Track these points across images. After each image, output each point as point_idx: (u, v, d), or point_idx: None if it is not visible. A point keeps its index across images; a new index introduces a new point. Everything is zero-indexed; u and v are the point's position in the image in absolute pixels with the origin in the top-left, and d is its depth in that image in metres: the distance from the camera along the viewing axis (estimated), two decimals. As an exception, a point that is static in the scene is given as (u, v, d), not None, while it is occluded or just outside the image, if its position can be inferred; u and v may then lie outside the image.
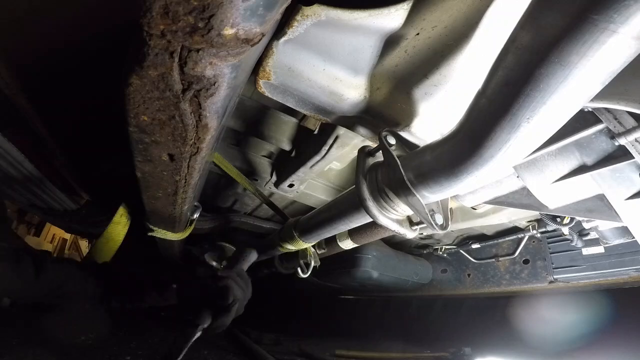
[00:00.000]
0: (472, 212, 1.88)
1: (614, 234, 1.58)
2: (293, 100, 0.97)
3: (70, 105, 1.12)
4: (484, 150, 0.64)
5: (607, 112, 0.83)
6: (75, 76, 0.97)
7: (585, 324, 2.07)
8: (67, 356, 1.42)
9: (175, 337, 1.01)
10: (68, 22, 0.77)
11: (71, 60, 0.89)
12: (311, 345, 2.65)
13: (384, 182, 0.86)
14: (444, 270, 2.78)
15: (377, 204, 0.89)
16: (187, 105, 0.59)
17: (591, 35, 0.44)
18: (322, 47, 0.83)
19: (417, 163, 0.81)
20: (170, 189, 0.97)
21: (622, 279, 1.85)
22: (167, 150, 0.75)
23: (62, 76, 0.96)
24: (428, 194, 0.79)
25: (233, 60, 0.52)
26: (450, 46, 0.80)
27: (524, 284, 2.24)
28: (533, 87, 0.52)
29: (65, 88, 1.02)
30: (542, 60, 0.50)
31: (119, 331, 2.02)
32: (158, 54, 0.48)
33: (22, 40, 0.82)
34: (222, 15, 0.43)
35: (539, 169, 1.03)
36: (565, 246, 2.08)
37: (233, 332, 2.61)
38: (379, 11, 0.74)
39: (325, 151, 1.43)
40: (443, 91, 0.88)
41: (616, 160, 0.90)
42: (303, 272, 1.88)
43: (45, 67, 0.93)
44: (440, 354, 2.56)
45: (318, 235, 1.37)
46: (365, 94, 0.95)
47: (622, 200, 0.98)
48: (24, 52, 0.86)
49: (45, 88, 1.01)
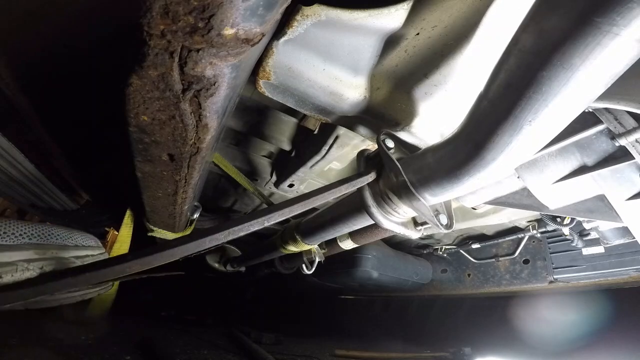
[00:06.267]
0: (472, 212, 1.88)
1: (614, 234, 1.58)
2: (293, 100, 0.97)
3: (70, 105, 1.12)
4: (486, 152, 0.64)
5: (608, 112, 0.83)
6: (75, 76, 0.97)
7: (585, 324, 2.07)
8: (67, 356, 1.42)
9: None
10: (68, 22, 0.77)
11: (71, 60, 0.89)
12: (311, 345, 2.65)
13: (386, 186, 0.86)
14: (444, 270, 2.78)
15: (381, 209, 0.89)
16: (187, 105, 0.59)
17: (594, 38, 0.44)
18: (322, 47, 0.83)
19: (419, 166, 0.80)
20: (170, 189, 0.97)
21: (622, 279, 1.85)
22: (167, 150, 0.75)
23: (62, 76, 0.96)
24: (430, 196, 0.79)
25: (233, 60, 0.52)
26: (451, 46, 0.80)
27: (524, 284, 2.25)
28: (535, 89, 0.52)
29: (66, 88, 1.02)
30: (544, 63, 0.49)
31: (119, 331, 2.02)
32: (158, 54, 0.48)
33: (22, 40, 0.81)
34: (222, 15, 0.43)
35: (540, 169, 1.03)
36: (565, 246, 2.08)
37: (233, 332, 2.62)
38: (379, 11, 0.74)
39: (325, 151, 1.43)
40: (443, 91, 0.88)
41: (616, 160, 0.90)
42: (307, 269, 1.87)
43: (46, 67, 0.92)
44: (440, 354, 2.57)
45: (320, 237, 1.37)
46: (365, 93, 0.95)
47: (623, 201, 0.98)
48: (24, 52, 0.86)
49: (45, 88, 1.01)
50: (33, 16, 0.75)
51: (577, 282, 2.02)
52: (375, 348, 2.74)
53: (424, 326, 3.19)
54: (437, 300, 3.13)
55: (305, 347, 2.60)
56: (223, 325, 3.00)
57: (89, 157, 1.52)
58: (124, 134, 0.71)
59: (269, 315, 4.20)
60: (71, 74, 0.94)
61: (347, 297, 3.92)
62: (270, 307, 4.50)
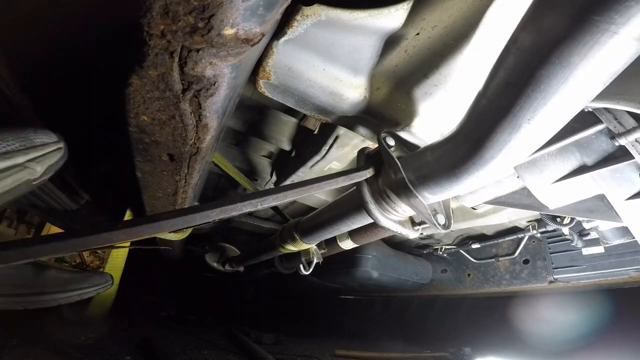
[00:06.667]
0: (472, 212, 1.88)
1: (614, 234, 1.58)
2: (293, 100, 0.97)
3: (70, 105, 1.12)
4: (485, 151, 0.64)
5: (607, 112, 0.83)
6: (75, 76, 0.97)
7: (585, 324, 2.07)
8: (67, 356, 1.42)
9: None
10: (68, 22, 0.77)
11: (71, 60, 0.89)
12: (311, 345, 2.66)
13: (385, 184, 0.86)
14: (444, 270, 2.78)
15: (379, 206, 0.89)
16: (187, 105, 0.59)
17: (592, 37, 0.44)
18: (322, 47, 0.83)
19: (418, 164, 0.80)
20: (170, 189, 0.97)
21: (622, 279, 1.85)
22: (167, 150, 0.75)
23: (62, 76, 0.96)
24: (429, 194, 0.79)
25: (233, 60, 0.52)
26: (450, 46, 0.80)
27: (524, 284, 2.25)
28: (534, 88, 0.52)
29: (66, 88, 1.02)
30: (543, 61, 0.50)
31: (119, 331, 2.02)
32: (158, 54, 0.48)
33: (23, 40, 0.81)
34: (222, 15, 0.43)
35: (539, 169, 1.03)
36: (565, 246, 2.08)
37: (233, 332, 2.62)
38: (379, 11, 0.74)
39: (325, 151, 1.43)
40: (443, 91, 0.88)
41: (616, 160, 0.90)
42: (305, 269, 1.88)
43: (46, 66, 0.93)
44: (440, 354, 2.57)
45: (319, 237, 1.37)
46: (365, 93, 0.95)
47: (622, 201, 0.98)
48: (24, 52, 0.86)
49: (45, 88, 1.01)
50: (33, 16, 0.75)
51: (577, 282, 2.02)
52: (375, 348, 2.74)
53: (424, 326, 3.19)
54: (437, 300, 3.13)
55: (305, 347, 2.60)
56: (223, 325, 3.00)
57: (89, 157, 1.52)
58: (124, 134, 0.71)
59: (269, 315, 4.20)
60: (71, 73, 0.94)
61: (347, 297, 3.92)
62: (270, 307, 4.50)
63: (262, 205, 0.69)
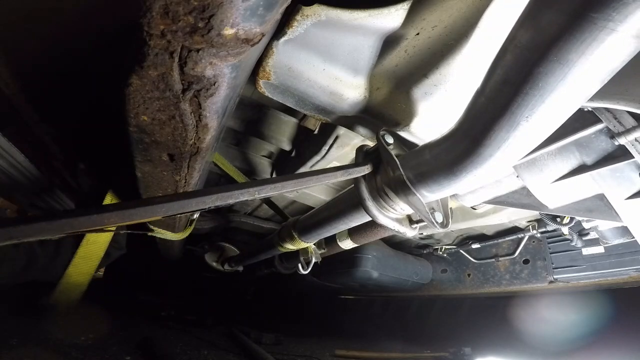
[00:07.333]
0: (472, 212, 1.88)
1: (614, 234, 1.58)
2: (293, 100, 0.97)
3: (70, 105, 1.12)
4: (483, 149, 0.64)
5: (607, 111, 0.83)
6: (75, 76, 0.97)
7: (585, 324, 2.07)
8: (67, 356, 1.42)
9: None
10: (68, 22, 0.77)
11: (71, 60, 0.89)
12: (311, 345, 2.66)
13: (383, 182, 0.86)
14: (444, 270, 2.79)
15: (377, 203, 0.89)
16: (187, 105, 0.59)
17: (590, 34, 0.44)
18: (322, 47, 0.83)
19: (416, 162, 0.81)
20: (170, 189, 0.97)
21: (622, 279, 1.85)
22: (167, 150, 0.75)
23: (62, 76, 0.96)
24: (427, 193, 0.79)
25: (233, 60, 0.52)
26: (450, 46, 0.80)
27: (524, 284, 2.25)
28: (532, 85, 0.52)
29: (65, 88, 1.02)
30: (541, 58, 0.50)
31: (119, 331, 2.02)
32: (158, 54, 0.49)
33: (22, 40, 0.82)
34: (222, 15, 0.43)
35: (539, 168, 1.03)
36: (565, 246, 2.08)
37: (233, 332, 2.62)
38: (379, 11, 0.74)
39: (325, 151, 1.43)
40: (443, 90, 0.88)
41: (616, 159, 0.90)
42: (303, 269, 1.88)
43: (46, 66, 0.93)
44: (440, 354, 2.57)
45: (318, 235, 1.37)
46: (365, 93, 0.95)
47: (622, 200, 0.98)
48: (24, 52, 0.86)
49: (45, 88, 1.01)
50: (33, 16, 0.75)
51: (577, 282, 2.02)
52: (375, 348, 2.74)
53: (424, 326, 3.19)
54: (437, 300, 3.13)
55: (305, 347, 2.60)
56: (223, 325, 3.00)
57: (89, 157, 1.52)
58: (124, 134, 0.71)
59: (269, 315, 4.20)
60: (71, 73, 0.94)
61: (347, 297, 3.92)
62: (270, 307, 4.50)
63: (259, 195, 0.68)
